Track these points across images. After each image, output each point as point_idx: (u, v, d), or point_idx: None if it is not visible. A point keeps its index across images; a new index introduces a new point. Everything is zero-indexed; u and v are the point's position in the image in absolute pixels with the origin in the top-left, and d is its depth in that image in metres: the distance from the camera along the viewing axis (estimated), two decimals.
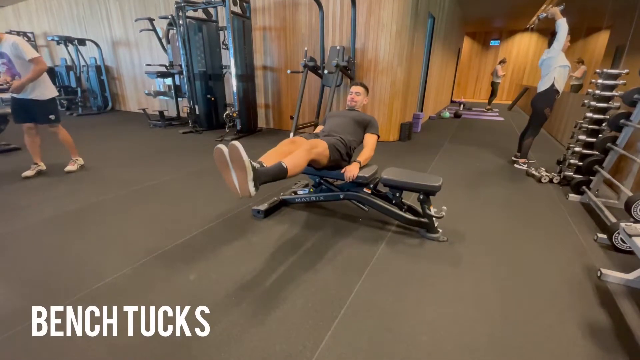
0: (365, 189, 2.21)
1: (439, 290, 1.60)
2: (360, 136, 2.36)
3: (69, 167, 3.28)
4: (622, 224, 1.67)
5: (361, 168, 2.15)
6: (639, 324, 1.41)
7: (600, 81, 2.89)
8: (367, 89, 2.50)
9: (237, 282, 1.60)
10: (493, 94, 9.75)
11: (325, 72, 4.72)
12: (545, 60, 3.42)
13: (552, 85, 3.39)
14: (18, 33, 8.27)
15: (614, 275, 1.68)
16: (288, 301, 1.48)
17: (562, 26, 3.21)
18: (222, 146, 1.47)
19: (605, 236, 2.08)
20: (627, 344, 1.30)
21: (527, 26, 12.00)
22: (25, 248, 1.91)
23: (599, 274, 1.72)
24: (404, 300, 1.51)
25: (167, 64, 6.05)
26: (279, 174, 1.66)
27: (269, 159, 1.78)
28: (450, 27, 8.27)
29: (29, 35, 8.47)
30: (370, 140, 2.32)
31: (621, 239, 1.97)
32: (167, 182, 3.03)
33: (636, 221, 1.87)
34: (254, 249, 1.92)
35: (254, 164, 1.52)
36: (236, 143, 1.43)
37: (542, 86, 3.47)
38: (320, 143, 2.00)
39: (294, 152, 1.83)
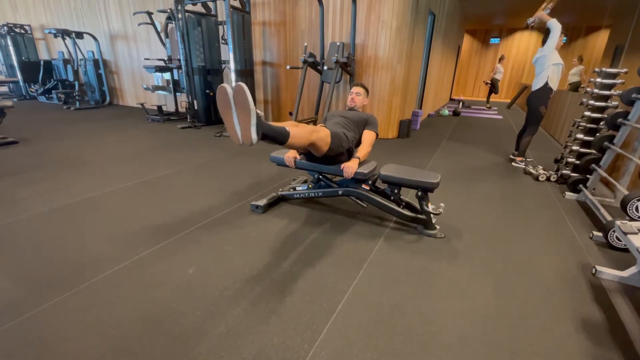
0: (363, 185, 2.22)
1: (436, 285, 1.61)
2: (360, 135, 2.37)
3: None
4: (618, 222, 1.69)
5: (360, 164, 2.16)
6: (632, 320, 1.44)
7: (599, 80, 2.90)
8: (367, 90, 2.52)
9: (235, 276, 1.61)
10: (494, 87, 9.72)
11: (325, 68, 4.70)
12: (539, 59, 3.45)
13: (546, 83, 3.43)
14: (15, 25, 8.17)
15: (608, 272, 1.71)
16: (286, 295, 1.49)
17: (555, 25, 3.25)
18: (226, 85, 1.43)
19: (600, 234, 2.11)
20: (620, 340, 1.32)
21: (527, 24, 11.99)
22: (24, 239, 1.90)
23: (593, 271, 1.74)
24: (401, 295, 1.52)
25: (165, 59, 6.01)
26: (281, 134, 1.63)
27: None
28: (450, 25, 8.25)
29: (26, 27, 8.37)
30: (368, 136, 2.33)
31: (616, 237, 2.00)
32: (165, 177, 3.02)
33: (632, 219, 1.89)
34: (252, 244, 1.93)
35: (258, 111, 1.48)
36: (242, 84, 1.39)
37: (537, 84, 3.51)
38: (323, 129, 2.01)
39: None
